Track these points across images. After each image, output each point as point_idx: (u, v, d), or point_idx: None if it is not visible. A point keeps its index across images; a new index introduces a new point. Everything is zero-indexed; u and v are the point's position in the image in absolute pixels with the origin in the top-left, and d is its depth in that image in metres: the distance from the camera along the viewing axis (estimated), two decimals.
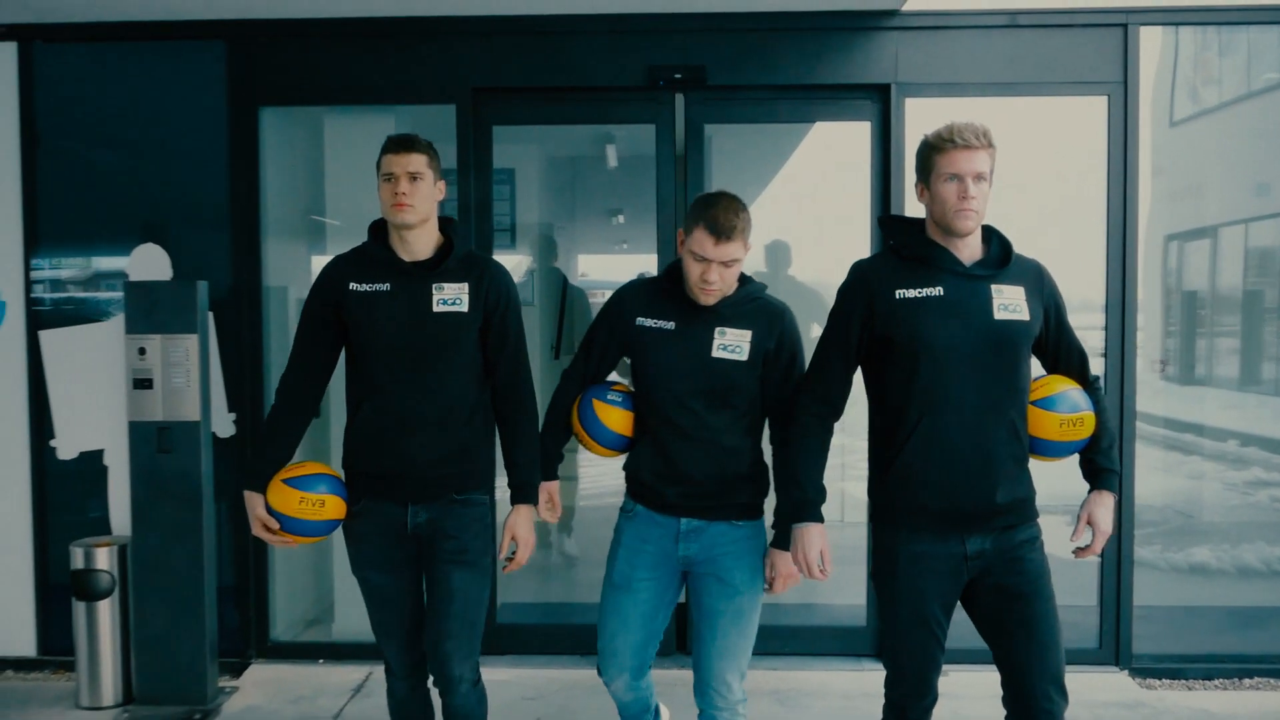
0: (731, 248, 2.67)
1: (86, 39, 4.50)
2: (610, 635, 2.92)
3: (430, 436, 2.82)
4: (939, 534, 2.59)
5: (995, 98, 4.40)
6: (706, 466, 2.79)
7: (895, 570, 2.63)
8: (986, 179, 2.56)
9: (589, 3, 4.29)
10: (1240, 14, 4.44)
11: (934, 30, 4.39)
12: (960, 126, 2.54)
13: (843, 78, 4.46)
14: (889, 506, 2.66)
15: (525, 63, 4.49)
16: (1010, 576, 2.59)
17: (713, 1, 4.29)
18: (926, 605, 2.61)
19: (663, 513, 2.85)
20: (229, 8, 4.29)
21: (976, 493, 2.56)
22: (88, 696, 4.17)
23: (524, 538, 2.93)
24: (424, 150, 2.84)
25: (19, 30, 4.47)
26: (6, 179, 4.51)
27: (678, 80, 4.45)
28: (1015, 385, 2.60)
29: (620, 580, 2.90)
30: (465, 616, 2.86)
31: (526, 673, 4.41)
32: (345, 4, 4.28)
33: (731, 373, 2.77)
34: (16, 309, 4.54)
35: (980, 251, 2.65)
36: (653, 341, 2.81)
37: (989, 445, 2.55)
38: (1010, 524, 2.60)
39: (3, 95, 4.50)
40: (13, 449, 4.55)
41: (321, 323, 2.89)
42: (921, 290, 2.58)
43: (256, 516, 2.82)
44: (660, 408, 2.80)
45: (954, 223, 2.55)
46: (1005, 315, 2.56)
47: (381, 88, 4.54)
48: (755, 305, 2.83)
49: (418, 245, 2.87)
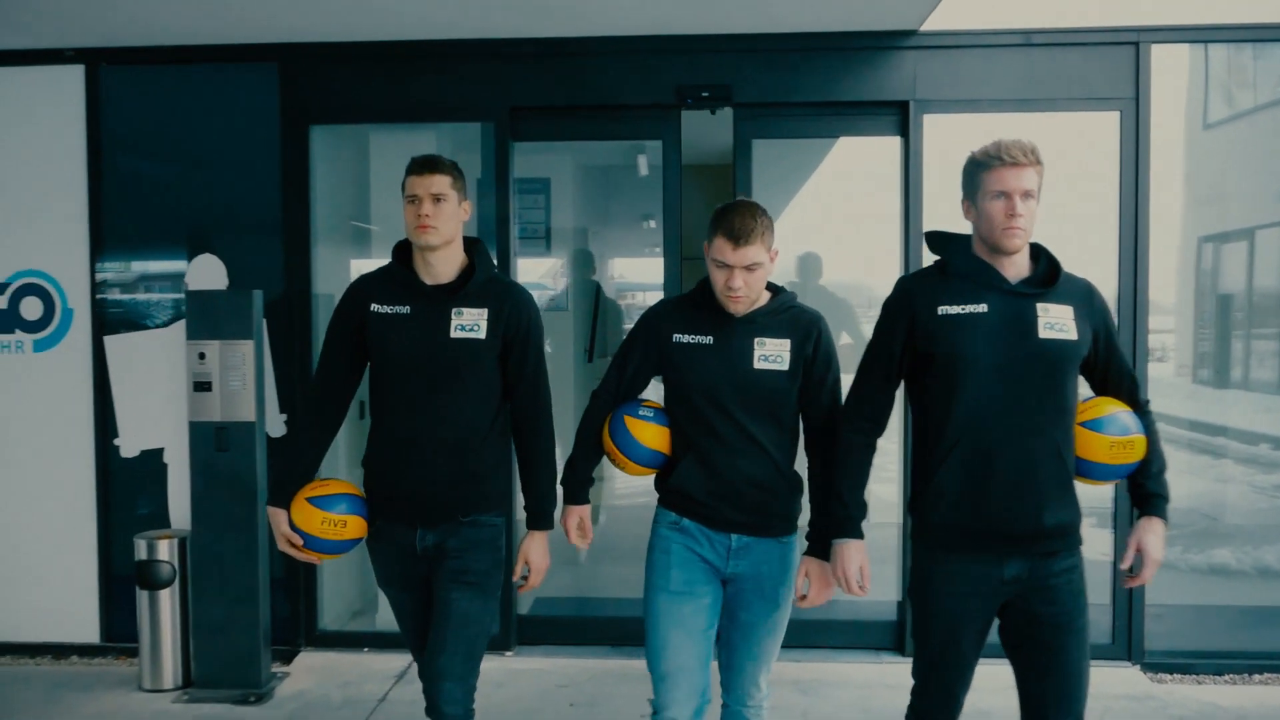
0: (751, 251, 2.65)
1: (148, 61, 4.79)
2: (675, 650, 2.77)
3: (443, 461, 2.80)
4: (977, 555, 2.55)
5: (1011, 113, 4.58)
6: (757, 480, 2.74)
7: (931, 588, 2.61)
8: (1034, 196, 2.52)
9: (620, 25, 4.50)
10: (1249, 32, 4.59)
11: (951, 49, 4.58)
12: (1008, 144, 2.50)
13: (863, 95, 4.66)
14: (927, 524, 2.62)
15: (559, 83, 4.73)
16: (1045, 606, 2.55)
17: (738, 23, 4.49)
18: (961, 626, 2.58)
19: (715, 529, 2.78)
20: (281, 32, 4.55)
21: (1017, 515, 2.51)
22: (150, 679, 4.44)
23: (537, 563, 2.92)
24: (448, 171, 2.83)
25: (86, 54, 4.77)
26: (74, 191, 4.81)
27: (704, 98, 4.66)
28: (1060, 406, 2.54)
29: (681, 588, 2.78)
30: (461, 635, 2.82)
31: (559, 662, 4.64)
32: (390, 28, 4.53)
33: (775, 383, 2.74)
34: (83, 315, 4.83)
35: (1028, 269, 2.60)
36: (692, 357, 2.76)
37: (1031, 466, 2.50)
38: (1052, 550, 2.55)
39: (71, 113, 4.80)
40: (79, 447, 4.84)
41: (344, 341, 2.90)
42: (965, 307, 2.54)
43: (280, 533, 2.85)
44: (706, 423, 2.75)
45: (1001, 241, 2.51)
46: (1051, 334, 2.51)
47: (424, 107, 4.79)
48: (790, 314, 2.81)
49: (441, 267, 2.85)
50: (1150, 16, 4.50)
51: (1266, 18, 4.53)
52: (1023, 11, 4.53)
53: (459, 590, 2.82)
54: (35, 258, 4.83)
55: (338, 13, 4.28)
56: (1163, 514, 2.65)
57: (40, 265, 4.83)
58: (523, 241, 5.98)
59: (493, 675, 4.40)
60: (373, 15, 4.32)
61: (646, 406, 2.89)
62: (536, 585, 2.96)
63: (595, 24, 4.49)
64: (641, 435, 2.83)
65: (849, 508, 2.68)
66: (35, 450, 4.86)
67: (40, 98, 4.81)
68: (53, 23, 4.44)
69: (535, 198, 7.30)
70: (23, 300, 4.83)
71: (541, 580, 2.95)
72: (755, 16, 4.40)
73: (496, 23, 4.46)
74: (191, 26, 4.49)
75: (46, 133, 4.81)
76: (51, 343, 4.84)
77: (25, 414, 4.85)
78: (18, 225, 4.83)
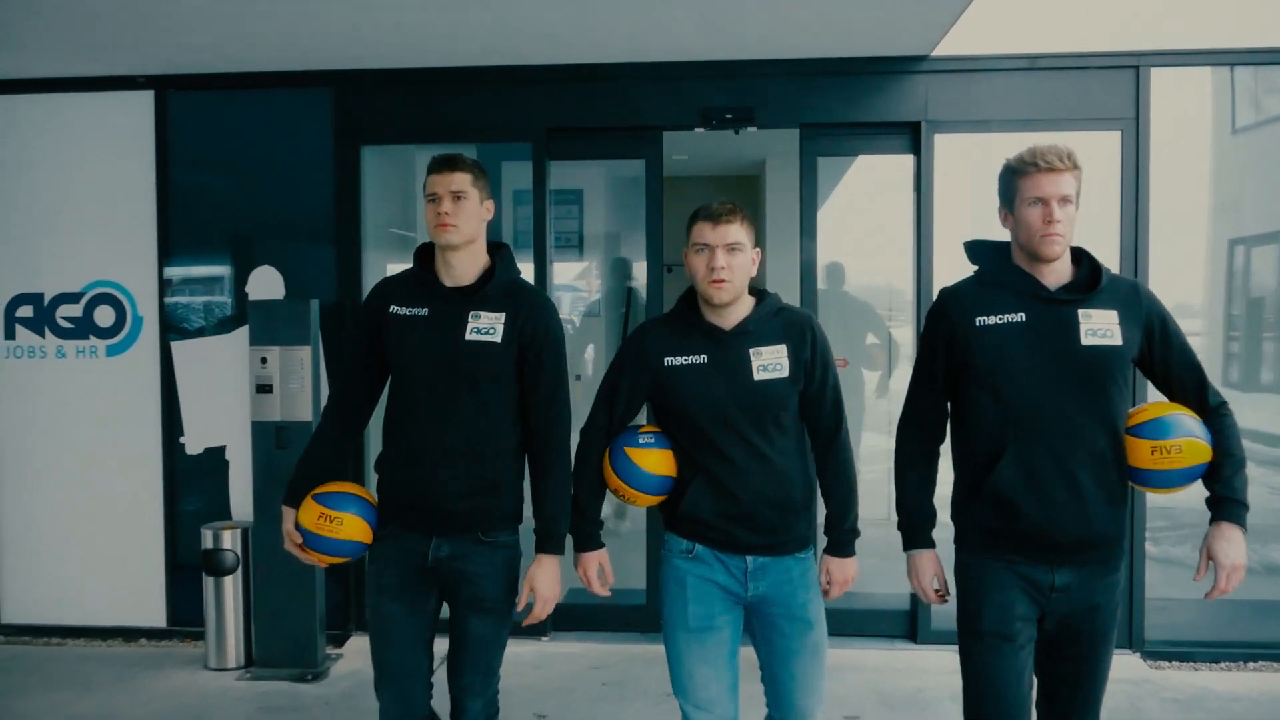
0: (730, 230, 2.62)
1: (212, 87, 5.17)
2: (702, 685, 2.71)
3: (459, 469, 2.71)
4: (1028, 559, 2.51)
5: (1017, 133, 4.85)
6: (771, 497, 2.67)
7: (980, 584, 2.56)
8: (1072, 201, 2.48)
9: (647, 52, 4.83)
10: (1243, 56, 4.85)
11: (961, 73, 4.87)
12: (1043, 149, 2.47)
13: (879, 116, 4.96)
14: (974, 530, 2.60)
15: (591, 105, 5.07)
16: (1084, 623, 2.53)
17: (760, 49, 4.80)
18: (1010, 619, 2.52)
19: (729, 552, 2.70)
20: (335, 60, 4.92)
21: (1066, 524, 2.47)
22: (215, 659, 4.82)
23: (543, 592, 2.77)
24: (468, 169, 2.76)
25: (156, 80, 5.15)
26: (144, 207, 5.20)
27: (728, 120, 4.98)
28: (1107, 413, 2.49)
29: (700, 624, 2.70)
30: (480, 660, 2.79)
31: (591, 646, 4.97)
32: (434, 56, 4.87)
33: (778, 392, 2.67)
34: (151, 322, 5.22)
35: (1068, 275, 2.55)
36: (688, 379, 2.67)
37: (1076, 475, 2.47)
38: (1102, 560, 2.52)
39: (142, 135, 5.19)
40: (147, 445, 5.22)
41: (365, 343, 2.84)
42: (1002, 317, 2.52)
43: (285, 530, 2.81)
44: (712, 445, 2.66)
45: (1039, 248, 2.48)
46: (1093, 340, 2.46)
47: (466, 127, 5.15)
48: (781, 318, 2.74)
49: (461, 269, 2.78)
50: (1149, 42, 4.77)
51: (1261, 42, 4.79)
52: (1028, 37, 4.82)
53: (477, 618, 2.76)
54: (108, 269, 5.23)
55: (387, 43, 4.63)
56: (1235, 518, 2.51)
57: (113, 276, 5.23)
58: (557, 249, 6.32)
59: (530, 658, 4.75)
60: (419, 44, 4.67)
61: (644, 432, 2.78)
62: (541, 617, 2.79)
63: (624, 51, 4.81)
64: (646, 463, 2.73)
65: (914, 516, 2.68)
66: (107, 447, 5.25)
67: (114, 120, 5.21)
68: (127, 53, 4.82)
69: (569, 208, 7.66)
70: (97, 308, 5.23)
71: (548, 612, 2.79)
72: (776, 43, 4.70)
73: (532, 51, 4.80)
74: (252, 55, 4.85)
75: (119, 153, 5.21)
76: (123, 348, 5.23)
77: (98, 414, 5.24)
78: (93, 238, 5.23)
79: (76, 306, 5.24)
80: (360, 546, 2.77)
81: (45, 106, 5.21)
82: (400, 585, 2.78)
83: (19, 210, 5.25)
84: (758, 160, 8.23)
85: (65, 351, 5.25)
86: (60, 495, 5.25)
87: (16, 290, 5.27)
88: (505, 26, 4.40)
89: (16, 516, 5.30)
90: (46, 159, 5.23)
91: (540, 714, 4.18)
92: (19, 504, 5.29)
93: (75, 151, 5.23)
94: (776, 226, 7.73)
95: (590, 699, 4.38)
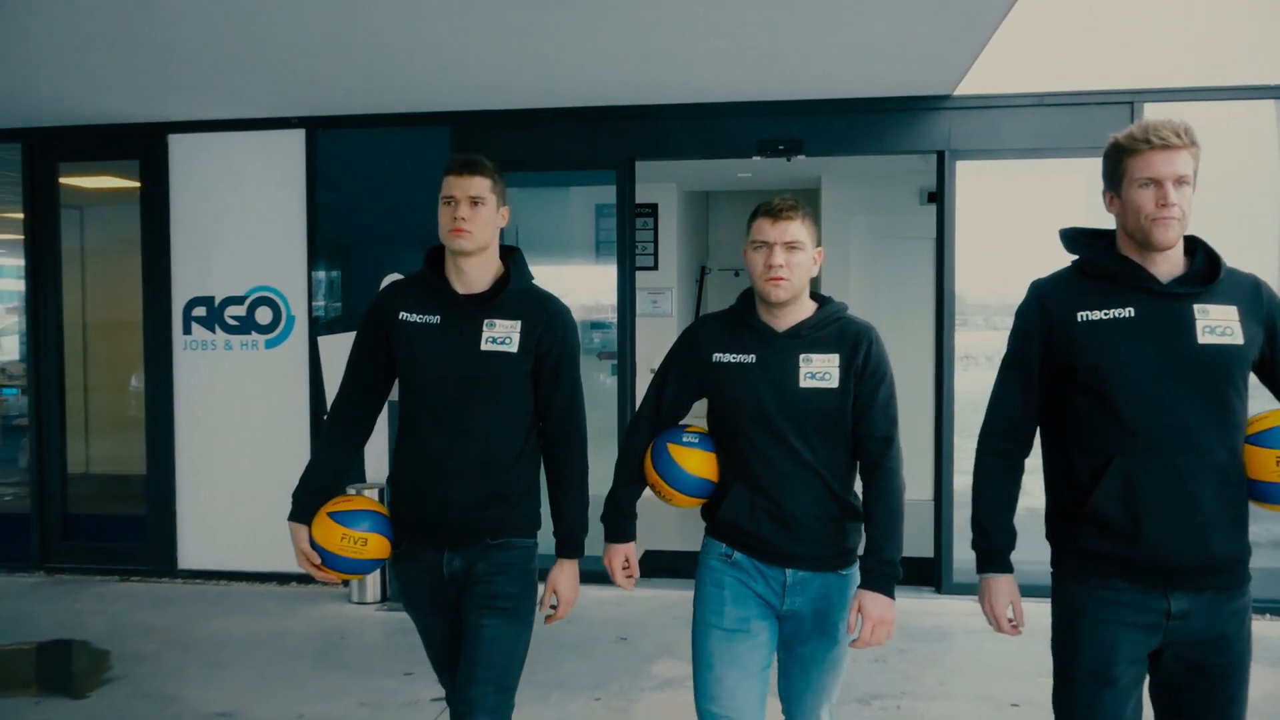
0: (791, 227, 2.52)
1: (352, 126, 6.25)
2: (731, 691, 2.55)
3: (471, 481, 2.62)
4: (1139, 585, 2.23)
5: (1028, 159, 5.71)
6: (814, 509, 2.55)
7: (1081, 617, 2.28)
8: (1190, 183, 2.22)
9: (710, 93, 5.75)
10: (1229, 93, 5.58)
11: (979, 109, 5.72)
12: (1157, 124, 2.21)
13: (909, 146, 5.85)
14: (1075, 553, 2.33)
15: (665, 139, 6.04)
16: (1214, 656, 2.23)
17: (807, 90, 5.70)
18: (1114, 662, 2.24)
19: (769, 563, 2.58)
20: (455, 103, 5.94)
21: (1182, 545, 2.19)
22: (356, 595, 5.89)
23: (565, 595, 2.72)
24: (487, 174, 2.65)
25: (306, 120, 6.26)
26: (295, 225, 6.29)
27: (780, 150, 5.91)
28: (1226, 421, 2.22)
29: (736, 625, 2.58)
30: (492, 664, 2.63)
31: (664, 591, 5.83)
32: (535, 98, 5.86)
33: (824, 403, 2.53)
34: (302, 320, 6.31)
35: (1182, 266, 2.29)
36: (734, 377, 2.59)
37: (1194, 491, 2.19)
38: (1225, 585, 2.23)
39: (294, 165, 6.28)
40: (298, 421, 6.30)
41: (372, 350, 2.73)
42: (1108, 312, 2.25)
43: (300, 550, 2.67)
44: (754, 448, 2.56)
45: (1151, 234, 2.21)
46: (1211, 339, 2.20)
47: (561, 157, 6.18)
48: (838, 326, 2.61)
49: (474, 276, 2.68)
50: (1142, 81, 5.56)
51: (1244, 80, 5.55)
52: (1037, 77, 5.63)
53: (489, 616, 2.62)
54: (266, 276, 6.34)
55: (497, 88, 5.64)
56: None
57: (270, 281, 6.33)
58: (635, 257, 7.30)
59: (612, 599, 5.69)
60: (523, 90, 5.67)
61: (690, 432, 2.70)
62: (563, 617, 2.75)
63: (692, 93, 5.75)
64: (687, 463, 2.64)
65: (991, 538, 2.43)
66: (265, 423, 6.35)
67: (272, 153, 6.32)
68: (282, 98, 5.90)
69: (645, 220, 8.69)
70: (257, 309, 6.34)
71: (569, 612, 2.75)
72: (821, 85, 5.60)
73: (616, 94, 5.77)
74: (384, 100, 5.90)
75: (276, 180, 6.31)
76: (278, 342, 6.33)
77: (259, 396, 6.34)
78: (255, 251, 6.34)
79: (241, 307, 6.35)
80: (381, 562, 2.73)
81: (218, 143, 6.35)
82: (425, 600, 2.75)
83: (196, 228, 6.39)
84: (814, 175, 9.11)
85: (231, 345, 6.37)
86: (226, 463, 6.37)
87: (192, 294, 6.40)
88: (589, 77, 5.38)
89: (190, 481, 6.44)
90: (218, 185, 6.36)
91: (621, 636, 5.15)
92: (193, 471, 6.43)
93: (241, 179, 6.35)
94: (830, 236, 8.62)
95: (663, 627, 5.33)
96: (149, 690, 4.58)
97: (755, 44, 4.74)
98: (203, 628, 5.49)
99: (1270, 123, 5.60)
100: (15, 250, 6.72)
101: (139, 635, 5.33)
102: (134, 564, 6.50)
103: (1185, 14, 5.59)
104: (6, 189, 6.89)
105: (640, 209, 7.81)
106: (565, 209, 6.90)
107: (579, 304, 6.64)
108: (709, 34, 4.56)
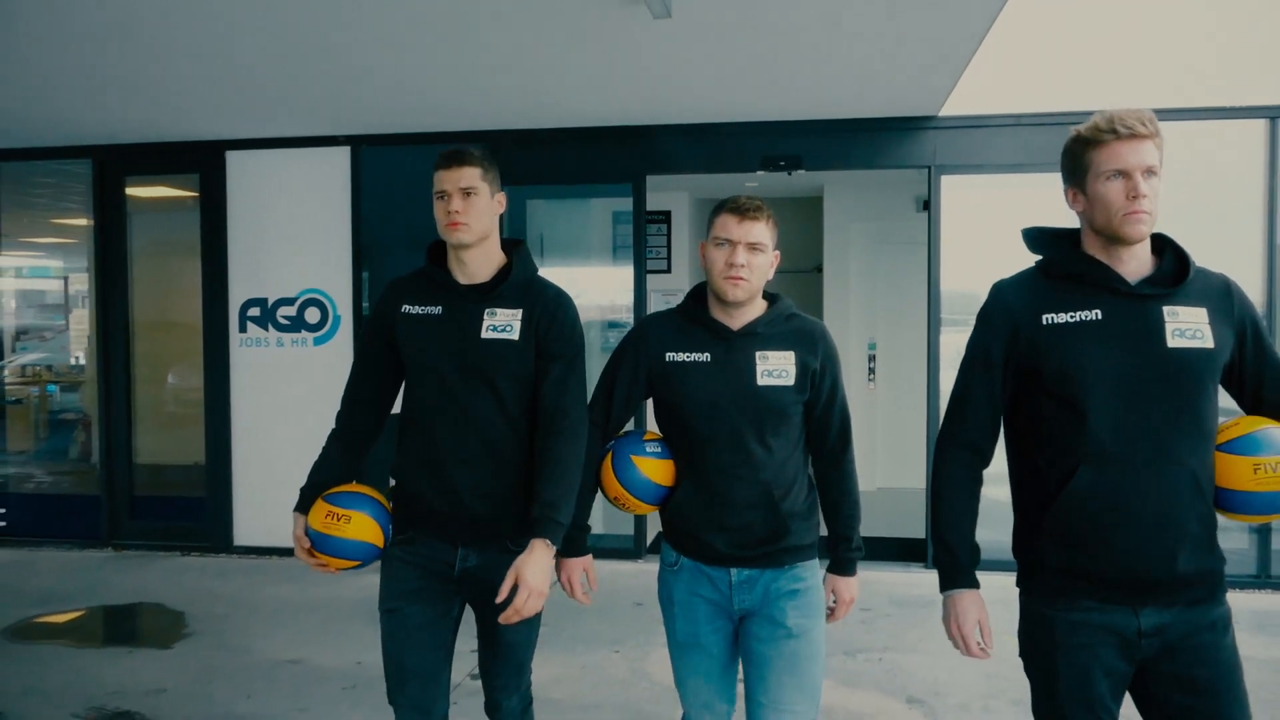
0: (756, 227, 2.49)
1: (393, 143, 6.88)
2: (694, 693, 2.68)
3: (479, 473, 2.59)
4: (1106, 602, 2.14)
5: (1006, 174, 6.29)
6: (760, 508, 2.54)
7: (1053, 644, 2.19)
8: (1158, 173, 2.10)
9: (717, 113, 6.34)
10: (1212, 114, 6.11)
11: (963, 128, 6.31)
12: (1121, 113, 2.10)
13: (898, 162, 6.44)
14: (1041, 569, 2.23)
15: (676, 155, 6.64)
16: (1197, 669, 2.12)
17: (805, 111, 6.30)
18: (1093, 685, 2.15)
19: (711, 564, 2.59)
20: (485, 123, 6.56)
21: (1152, 558, 2.10)
22: None
23: (531, 582, 2.45)
24: (477, 163, 2.63)
25: (352, 139, 6.90)
26: (341, 233, 6.93)
27: (781, 165, 6.50)
28: (1196, 428, 2.12)
29: (686, 639, 2.65)
30: (512, 662, 2.73)
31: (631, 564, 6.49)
32: (557, 119, 6.46)
33: (781, 399, 2.53)
34: (347, 320, 6.94)
35: (1150, 266, 2.19)
36: (688, 377, 2.55)
37: (1164, 501, 2.09)
38: (1197, 599, 2.13)
39: (340, 179, 6.92)
40: None
41: (377, 346, 2.74)
42: (1074, 314, 2.16)
43: (294, 537, 2.65)
44: (704, 448, 2.55)
45: (1122, 229, 2.11)
46: (1181, 342, 2.10)
47: (578, 173, 6.81)
48: (792, 324, 2.62)
49: (475, 266, 2.67)
50: (1092, 104, 6.07)
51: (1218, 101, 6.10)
52: (1013, 100, 6.23)
53: (510, 625, 2.56)
54: (315, 279, 6.98)
55: (524, 110, 6.25)
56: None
57: (319, 284, 6.97)
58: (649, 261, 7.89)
59: (628, 570, 6.28)
60: (546, 111, 6.27)
61: (650, 440, 2.68)
62: (525, 614, 2.47)
63: (702, 113, 6.35)
64: (654, 475, 2.63)
65: (956, 553, 2.30)
66: (313, 414, 6.85)
67: (320, 168, 6.96)
68: (330, 119, 6.54)
69: (658, 226, 9.29)
70: (307, 309, 6.98)
71: (534, 609, 2.48)
72: (817, 106, 6.19)
73: (632, 114, 6.37)
74: (423, 120, 6.53)
75: (324, 192, 6.95)
76: (325, 339, 6.97)
77: (307, 389, 6.95)
78: (305, 257, 6.99)
79: (292, 308, 7.00)
80: (371, 549, 2.60)
81: (271, 159, 7.00)
82: (423, 590, 2.65)
83: (251, 235, 7.04)
84: (818, 185, 9.68)
85: (283, 342, 7.02)
86: (278, 449, 6.97)
87: (247, 296, 7.05)
88: (606, 102, 5.99)
89: (245, 465, 7.09)
90: (271, 197, 7.01)
91: (637, 602, 5.75)
92: (248, 456, 7.08)
93: (292, 191, 7.00)
94: (832, 241, 9.21)
95: None
96: (224, 643, 5.23)
97: (756, 70, 5.32)
98: (263, 594, 6.13)
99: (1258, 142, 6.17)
100: (56, 253, 7.34)
101: (207, 599, 5.99)
102: (194, 541, 7.17)
103: (1153, 39, 6.15)
104: (68, 198, 7.59)
105: (654, 216, 8.43)
106: (585, 216, 7.53)
107: (597, 304, 7.30)
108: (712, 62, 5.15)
